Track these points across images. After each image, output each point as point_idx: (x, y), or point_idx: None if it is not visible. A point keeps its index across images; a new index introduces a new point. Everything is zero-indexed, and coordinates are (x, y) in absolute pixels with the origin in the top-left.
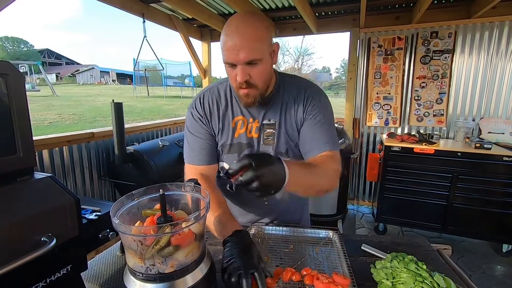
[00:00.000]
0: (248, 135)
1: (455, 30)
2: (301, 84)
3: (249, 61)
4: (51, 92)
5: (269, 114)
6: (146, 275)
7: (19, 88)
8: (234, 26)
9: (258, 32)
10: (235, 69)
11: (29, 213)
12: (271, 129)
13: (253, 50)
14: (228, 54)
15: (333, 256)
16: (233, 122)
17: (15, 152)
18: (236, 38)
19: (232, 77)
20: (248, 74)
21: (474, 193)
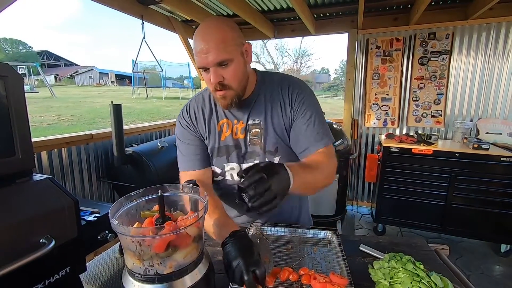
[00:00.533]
0: (234, 136)
1: (453, 31)
2: (283, 81)
3: (218, 62)
4: (49, 93)
5: (253, 114)
6: (144, 276)
7: (18, 90)
8: (201, 31)
9: (223, 34)
10: (208, 72)
11: (27, 215)
12: (256, 129)
13: (220, 51)
14: (198, 59)
15: (331, 256)
16: (218, 126)
17: (14, 154)
18: (203, 42)
19: (207, 81)
20: (221, 76)
21: (472, 193)
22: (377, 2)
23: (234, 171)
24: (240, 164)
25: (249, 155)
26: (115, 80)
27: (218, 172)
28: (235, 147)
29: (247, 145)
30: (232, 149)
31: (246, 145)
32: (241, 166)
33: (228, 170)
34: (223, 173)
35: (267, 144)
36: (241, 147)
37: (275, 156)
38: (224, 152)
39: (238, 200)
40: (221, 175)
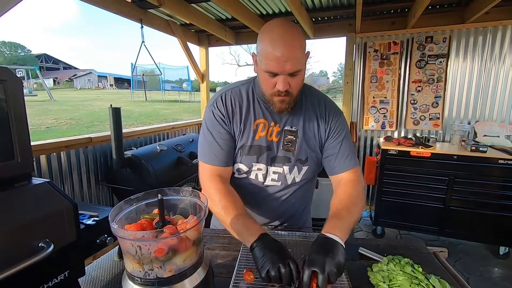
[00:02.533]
0: (269, 138)
1: (450, 35)
2: (320, 97)
3: (293, 72)
4: (48, 96)
5: (291, 121)
6: (144, 279)
7: (17, 94)
8: (279, 35)
9: (302, 43)
10: (274, 77)
11: (26, 219)
12: (292, 136)
13: (298, 61)
14: (272, 64)
15: None
16: (254, 124)
17: (13, 158)
18: (283, 48)
19: (269, 85)
20: (288, 84)
21: (470, 195)
22: (375, 6)
23: (260, 171)
24: (268, 166)
25: (279, 159)
26: (114, 83)
27: (243, 170)
28: (266, 148)
29: (279, 149)
30: (264, 150)
31: (278, 149)
32: (268, 168)
33: (255, 169)
34: (248, 172)
35: (300, 152)
36: (273, 149)
37: (304, 165)
38: (256, 152)
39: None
40: (246, 173)
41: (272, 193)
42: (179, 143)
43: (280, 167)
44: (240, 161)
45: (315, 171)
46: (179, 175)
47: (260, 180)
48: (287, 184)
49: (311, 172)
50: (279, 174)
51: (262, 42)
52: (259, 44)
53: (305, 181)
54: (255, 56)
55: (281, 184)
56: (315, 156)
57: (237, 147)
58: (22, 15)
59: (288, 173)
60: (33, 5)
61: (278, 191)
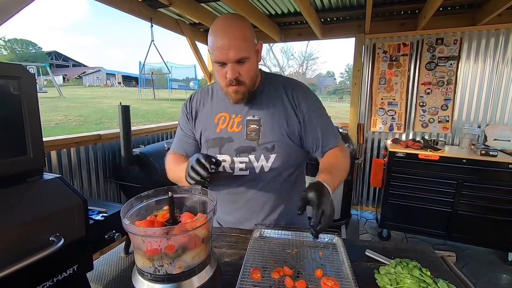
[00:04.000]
0: (229, 130)
1: (461, 37)
2: (288, 83)
3: (238, 59)
4: (58, 93)
5: (253, 110)
6: (154, 275)
7: (31, 91)
8: (221, 27)
9: (244, 32)
10: (224, 67)
11: (38, 213)
12: (254, 125)
13: (241, 49)
14: (218, 54)
15: (337, 260)
16: (216, 118)
17: (26, 153)
18: (224, 38)
19: (221, 76)
20: (238, 72)
21: (479, 200)
22: (385, 7)
23: (225, 163)
24: (233, 157)
25: (243, 149)
26: (121, 81)
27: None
28: (228, 139)
29: (243, 139)
30: (225, 141)
31: (241, 140)
32: (234, 159)
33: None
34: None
35: (264, 141)
36: (235, 141)
37: (272, 153)
38: (218, 143)
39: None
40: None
41: (244, 183)
42: None
43: (246, 156)
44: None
45: (287, 159)
46: None
47: (228, 171)
48: (256, 172)
49: (282, 161)
50: (246, 163)
51: (209, 36)
52: (208, 39)
53: (279, 171)
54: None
55: (249, 172)
56: (284, 142)
57: (203, 141)
58: (34, 13)
59: (255, 161)
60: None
61: (248, 180)
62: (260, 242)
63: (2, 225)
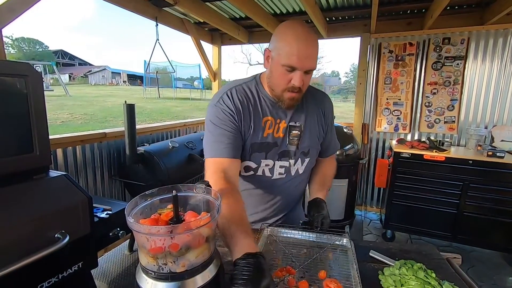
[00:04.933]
0: (275, 135)
1: (468, 36)
2: (318, 94)
3: (310, 69)
4: (64, 92)
5: (295, 117)
6: (158, 273)
7: (37, 89)
8: (305, 35)
9: (318, 45)
10: (291, 73)
11: (44, 210)
12: (296, 131)
13: (315, 61)
14: (294, 59)
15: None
16: (262, 122)
17: (32, 151)
18: (308, 47)
19: (284, 80)
20: (303, 81)
21: (485, 202)
22: (391, 6)
23: (268, 167)
24: (275, 161)
25: (285, 153)
26: (127, 80)
27: (252, 167)
28: (274, 144)
29: (285, 144)
30: (272, 146)
31: (285, 144)
32: (275, 163)
33: (263, 166)
34: (256, 169)
35: (303, 145)
36: (279, 146)
37: (306, 157)
38: (264, 148)
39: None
40: (254, 170)
41: (278, 186)
42: (190, 140)
43: (286, 161)
44: (249, 158)
45: (314, 163)
46: (190, 172)
47: (267, 175)
48: (292, 176)
49: (312, 163)
50: (285, 168)
51: (285, 38)
52: (280, 41)
53: (306, 174)
54: (268, 51)
55: (286, 176)
56: (315, 147)
57: (246, 145)
58: (41, 12)
59: (293, 165)
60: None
61: (282, 184)
62: (269, 241)
63: (8, 222)
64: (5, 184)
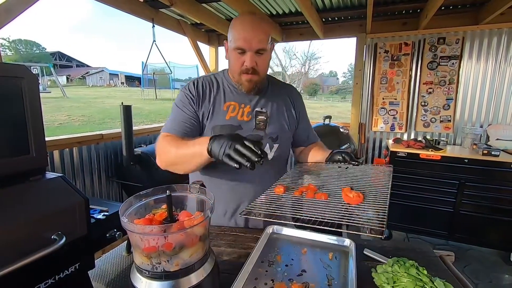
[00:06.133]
0: (239, 118)
1: (463, 36)
2: (286, 86)
3: (259, 49)
4: (61, 93)
5: (260, 103)
6: (152, 273)
7: (33, 91)
8: (248, 21)
9: (267, 28)
10: (243, 55)
11: (40, 212)
12: (262, 116)
13: (262, 41)
14: (241, 41)
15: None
16: (225, 106)
17: (28, 152)
18: (251, 29)
19: (238, 63)
20: (255, 62)
21: (481, 200)
22: (386, 6)
23: None
24: None
25: (252, 137)
26: (124, 81)
27: None
28: (238, 127)
29: (252, 128)
30: (235, 129)
31: (251, 128)
32: None
33: None
34: None
35: (270, 131)
36: (244, 129)
37: (275, 142)
38: (227, 131)
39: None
40: None
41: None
42: None
43: None
44: None
45: (285, 150)
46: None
47: None
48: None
49: (281, 151)
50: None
51: (234, 26)
52: (231, 30)
53: (277, 161)
54: (226, 43)
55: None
56: (285, 135)
57: (208, 128)
58: (39, 13)
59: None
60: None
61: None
62: (271, 238)
63: (5, 224)
64: (2, 185)
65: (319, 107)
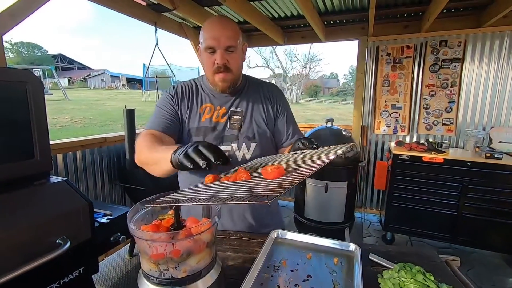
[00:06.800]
0: (214, 119)
1: (465, 39)
2: (262, 83)
3: (228, 46)
4: (63, 96)
5: (236, 104)
6: (160, 279)
7: (38, 95)
8: (215, 21)
9: (234, 27)
10: (213, 55)
11: (45, 216)
12: (237, 116)
13: (230, 38)
14: (210, 40)
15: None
16: (201, 109)
17: (33, 157)
18: (218, 28)
19: (210, 63)
20: (226, 59)
21: (484, 203)
22: (388, 9)
23: None
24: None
25: (226, 138)
26: (126, 84)
27: None
28: (212, 129)
29: (226, 128)
30: (209, 130)
31: (225, 129)
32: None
33: None
34: None
35: (245, 130)
36: (218, 130)
37: (252, 142)
38: (202, 132)
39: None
40: None
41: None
42: None
43: (229, 145)
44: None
45: (266, 149)
46: None
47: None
48: (238, 162)
49: (261, 150)
50: (228, 152)
51: (203, 28)
52: (201, 32)
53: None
54: (199, 47)
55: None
56: (263, 133)
57: (185, 130)
58: (40, 16)
59: (237, 150)
60: (51, 5)
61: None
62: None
63: (10, 228)
64: (7, 190)
65: (320, 109)
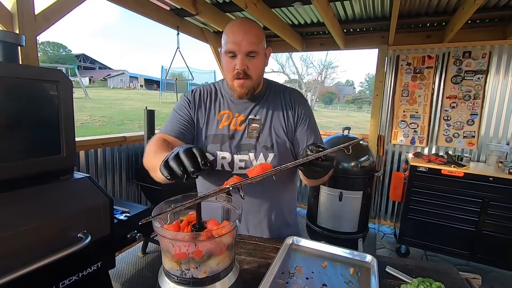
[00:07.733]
0: (232, 127)
1: (490, 50)
2: (285, 89)
3: (249, 51)
4: (84, 94)
5: (255, 111)
6: (180, 278)
7: (68, 94)
8: (238, 24)
9: (257, 31)
10: (234, 59)
11: (69, 210)
12: (256, 124)
13: (252, 43)
14: (231, 45)
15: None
16: (219, 115)
17: (60, 152)
18: (240, 32)
19: (230, 68)
20: (246, 65)
21: (506, 221)
22: (410, 19)
23: (225, 160)
24: (233, 155)
25: (244, 146)
26: (143, 84)
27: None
28: (229, 137)
29: (243, 137)
30: (226, 138)
31: (242, 137)
32: (234, 157)
33: (219, 159)
34: (214, 161)
35: (264, 139)
36: (236, 138)
37: (270, 152)
38: (219, 140)
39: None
40: (212, 162)
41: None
42: None
43: (246, 154)
44: (206, 150)
45: (284, 159)
46: None
47: (227, 169)
48: None
49: (279, 160)
50: (245, 161)
51: (225, 31)
52: (223, 36)
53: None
54: (220, 50)
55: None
56: (282, 143)
57: (204, 137)
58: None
59: (254, 159)
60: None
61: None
62: (290, 249)
63: (37, 220)
64: (35, 183)
65: (335, 116)
